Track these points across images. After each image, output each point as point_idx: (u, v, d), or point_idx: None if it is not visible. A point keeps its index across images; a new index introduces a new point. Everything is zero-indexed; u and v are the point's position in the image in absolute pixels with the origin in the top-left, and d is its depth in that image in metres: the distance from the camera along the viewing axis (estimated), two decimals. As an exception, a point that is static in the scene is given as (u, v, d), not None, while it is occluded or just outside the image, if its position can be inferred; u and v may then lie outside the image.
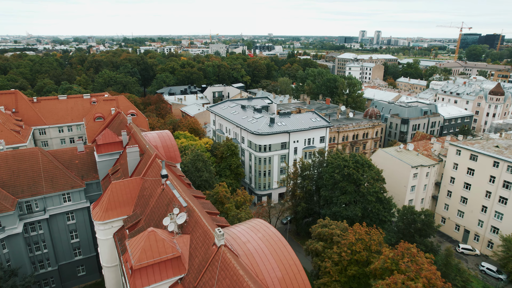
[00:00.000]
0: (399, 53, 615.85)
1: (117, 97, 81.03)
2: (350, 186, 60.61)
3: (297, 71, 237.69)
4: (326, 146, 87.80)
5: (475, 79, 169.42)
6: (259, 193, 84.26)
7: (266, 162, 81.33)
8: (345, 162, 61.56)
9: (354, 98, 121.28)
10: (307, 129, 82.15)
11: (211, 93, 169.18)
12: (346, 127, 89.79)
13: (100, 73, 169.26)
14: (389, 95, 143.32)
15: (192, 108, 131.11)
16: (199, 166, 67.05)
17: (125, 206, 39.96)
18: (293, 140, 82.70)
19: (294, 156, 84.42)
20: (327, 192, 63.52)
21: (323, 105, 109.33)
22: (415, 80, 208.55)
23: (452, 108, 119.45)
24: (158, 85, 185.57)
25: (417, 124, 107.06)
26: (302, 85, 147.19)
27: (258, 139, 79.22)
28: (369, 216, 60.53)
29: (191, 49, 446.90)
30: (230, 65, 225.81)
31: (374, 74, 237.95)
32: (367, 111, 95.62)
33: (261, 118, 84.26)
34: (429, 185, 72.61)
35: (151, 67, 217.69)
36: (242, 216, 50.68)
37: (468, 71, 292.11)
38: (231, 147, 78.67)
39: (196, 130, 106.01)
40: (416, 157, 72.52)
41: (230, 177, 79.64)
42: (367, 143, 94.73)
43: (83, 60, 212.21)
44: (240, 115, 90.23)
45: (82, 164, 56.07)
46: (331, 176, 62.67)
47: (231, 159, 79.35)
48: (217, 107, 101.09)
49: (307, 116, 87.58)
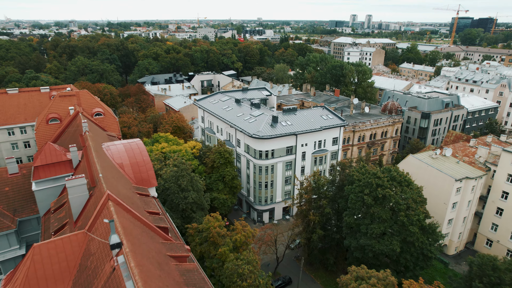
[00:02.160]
0: (392, 37, 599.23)
1: (78, 92, 63.63)
2: (385, 212, 45.68)
3: (293, 56, 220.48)
4: (340, 148, 72.60)
5: (489, 64, 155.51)
6: (259, 208, 69.02)
7: (268, 171, 65.80)
8: (378, 179, 46.40)
9: (364, 88, 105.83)
10: (318, 129, 66.58)
11: (199, 82, 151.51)
12: (363, 125, 74.53)
13: (72, 60, 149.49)
14: (399, 83, 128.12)
15: (177, 100, 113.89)
16: (184, 184, 51.15)
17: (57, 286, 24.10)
18: (301, 143, 67.16)
19: (302, 162, 69.03)
20: (353, 218, 48.55)
21: (331, 97, 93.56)
22: (420, 66, 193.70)
23: (475, 99, 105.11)
24: (140, 73, 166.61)
25: (439, 119, 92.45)
26: (302, 72, 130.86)
27: (258, 143, 63.44)
28: (409, 250, 45.94)
29: (178, 34, 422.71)
30: (219, 50, 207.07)
31: (375, 59, 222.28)
32: (386, 105, 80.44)
33: (260, 116, 68.23)
34: (473, 200, 58.35)
35: (132, 53, 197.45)
36: (245, 270, 35.14)
37: (470, 56, 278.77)
38: (224, 154, 62.74)
39: (181, 129, 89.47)
40: (457, 166, 57.90)
41: (224, 191, 64.04)
42: (386, 143, 79.91)
43: (57, 46, 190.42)
44: (234, 112, 73.99)
45: (15, 193, 39.59)
46: (359, 197, 47.59)
47: (224, 169, 63.56)
48: (206, 101, 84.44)
49: (316, 113, 71.88)
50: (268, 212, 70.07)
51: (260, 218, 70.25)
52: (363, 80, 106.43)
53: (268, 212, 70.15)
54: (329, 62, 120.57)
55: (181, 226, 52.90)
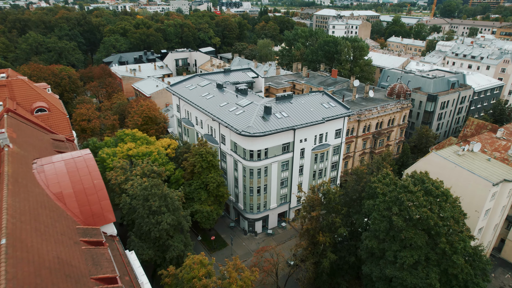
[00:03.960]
0: (372, 9, 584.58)
1: (10, 82, 48.50)
2: (421, 236, 35.36)
3: (275, 30, 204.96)
4: (343, 142, 61.61)
5: (483, 38, 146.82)
6: (250, 217, 57.81)
7: (260, 174, 54.13)
8: (410, 194, 35.72)
9: (361, 67, 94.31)
10: (321, 122, 54.94)
11: (173, 61, 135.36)
12: (369, 114, 63.43)
13: (23, 37, 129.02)
14: (395, 60, 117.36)
15: (149, 84, 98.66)
16: (156, 205, 38.82)
17: None
18: (300, 138, 55.53)
19: (300, 161, 57.68)
20: (376, 242, 38.09)
21: (327, 79, 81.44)
22: (409, 40, 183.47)
23: (480, 77, 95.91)
24: (106, 51, 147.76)
25: (445, 101, 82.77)
26: (289, 49, 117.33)
27: (248, 142, 51.29)
28: (451, 284, 36.19)
29: (149, 7, 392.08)
30: (195, 24, 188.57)
31: (361, 33, 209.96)
32: (393, 88, 69.40)
33: (249, 106, 55.72)
34: (507, 205, 49.28)
35: (97, 29, 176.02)
36: None
37: (455, 29, 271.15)
38: (206, 157, 50.33)
39: (153, 119, 75.68)
40: (489, 165, 48.21)
41: (208, 202, 52.18)
42: (392, 132, 69.56)
43: (5, 19, 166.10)
44: (217, 100, 60.99)
45: None
46: (384, 217, 36.97)
47: (207, 175, 51.38)
48: (181, 87, 70.56)
49: (316, 100, 60.00)
50: (261, 220, 59.08)
51: (251, 228, 59.25)
52: (360, 58, 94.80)
53: (261, 221, 59.18)
54: (319, 37, 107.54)
55: (156, 258, 41.08)
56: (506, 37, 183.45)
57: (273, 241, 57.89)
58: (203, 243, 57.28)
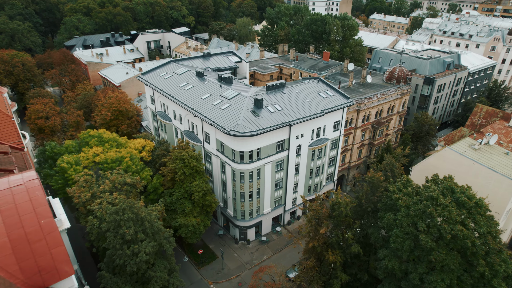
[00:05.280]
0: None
1: None
2: (453, 257, 29.78)
3: (253, 8, 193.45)
4: (341, 134, 55.22)
5: (468, 14, 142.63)
6: (242, 224, 51.03)
7: (252, 177, 47.02)
8: (442, 209, 29.81)
9: (351, 47, 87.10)
10: (319, 114, 48.01)
11: (145, 44, 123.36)
12: (369, 102, 56.96)
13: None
14: (383, 39, 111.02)
15: (118, 71, 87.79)
16: (129, 234, 31.16)
17: None
18: (296, 134, 48.54)
19: (296, 159, 50.90)
20: (397, 263, 32.32)
21: (318, 62, 73.91)
22: (391, 17, 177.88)
23: (473, 57, 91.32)
24: (67, 33, 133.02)
25: (442, 84, 77.68)
26: (271, 28, 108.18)
27: (238, 142, 43.77)
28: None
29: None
30: (167, 2, 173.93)
31: (342, 10, 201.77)
32: (392, 72, 62.99)
33: (237, 99, 47.85)
34: (527, 203, 44.90)
35: (56, 7, 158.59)
36: None
37: (433, 4, 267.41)
38: (190, 161, 42.55)
39: (125, 113, 66.39)
40: (509, 160, 43.23)
41: (194, 213, 44.82)
42: (392, 120, 63.76)
43: None
44: (197, 91, 52.61)
45: None
46: (407, 234, 31.13)
47: (190, 182, 43.79)
48: (155, 75, 61.28)
49: (311, 88, 52.78)
50: (254, 227, 52.51)
51: (243, 236, 52.63)
52: (350, 37, 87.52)
53: (254, 227, 52.62)
54: (305, 15, 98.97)
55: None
56: (488, 13, 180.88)
57: (268, 250, 51.73)
58: (189, 256, 50.28)
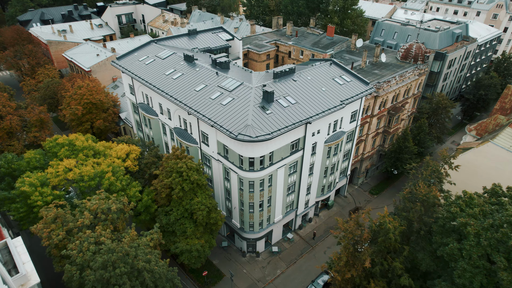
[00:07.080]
0: None
1: None
2: (541, 298, 23.84)
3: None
4: (358, 125, 47.93)
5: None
6: (250, 237, 43.86)
7: (263, 185, 39.30)
8: (528, 239, 23.41)
9: (352, 19, 77.97)
10: (340, 106, 40.21)
11: (115, 17, 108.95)
12: (387, 86, 49.41)
13: None
14: (380, 8, 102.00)
15: (86, 52, 75.21)
16: (122, 283, 23.15)
17: None
18: (312, 131, 40.76)
19: (311, 158, 43.46)
20: (463, 300, 26.25)
21: (322, 38, 64.77)
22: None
23: (479, 27, 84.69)
24: (20, 5, 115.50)
25: (453, 59, 70.99)
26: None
27: (247, 147, 35.51)
28: None
29: None
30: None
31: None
32: (408, 50, 55.25)
33: (239, 91, 39.05)
34: None
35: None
36: None
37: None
38: (189, 175, 34.16)
39: (99, 105, 56.06)
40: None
41: (197, 234, 37.06)
42: (407, 104, 56.84)
43: None
44: (189, 80, 43.26)
45: None
46: (478, 267, 24.86)
47: (191, 198, 35.63)
48: (133, 59, 50.77)
49: (325, 73, 44.54)
50: (264, 238, 45.59)
51: (252, 248, 45.71)
52: (350, 8, 78.17)
53: (264, 238, 45.71)
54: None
55: None
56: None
57: (281, 262, 45.29)
58: (191, 277, 43.09)
